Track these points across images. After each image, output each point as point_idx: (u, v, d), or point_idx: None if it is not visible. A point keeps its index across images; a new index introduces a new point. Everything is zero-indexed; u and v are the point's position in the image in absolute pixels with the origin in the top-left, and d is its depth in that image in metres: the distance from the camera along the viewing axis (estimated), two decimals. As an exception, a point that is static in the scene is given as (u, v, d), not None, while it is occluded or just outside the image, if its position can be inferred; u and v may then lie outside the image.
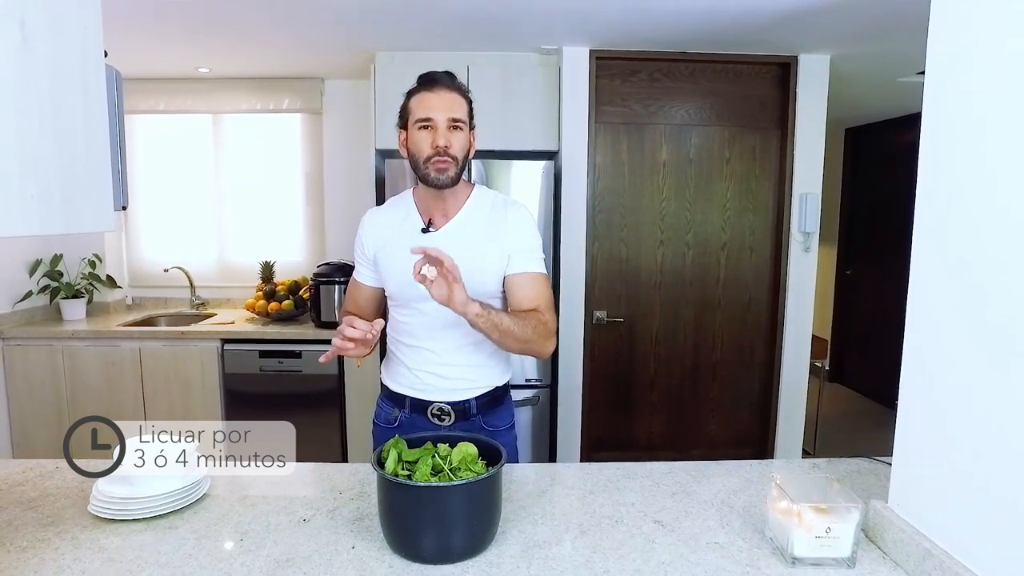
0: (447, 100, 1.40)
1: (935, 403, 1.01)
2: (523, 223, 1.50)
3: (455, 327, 1.43)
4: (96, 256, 3.51)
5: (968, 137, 0.95)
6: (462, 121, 1.42)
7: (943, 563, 0.93)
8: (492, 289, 1.48)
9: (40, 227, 0.87)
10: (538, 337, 1.41)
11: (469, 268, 1.40)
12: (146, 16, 2.55)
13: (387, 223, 1.53)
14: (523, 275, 1.47)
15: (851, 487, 1.19)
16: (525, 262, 1.47)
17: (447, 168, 1.40)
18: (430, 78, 1.43)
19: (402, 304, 1.50)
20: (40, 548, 1.07)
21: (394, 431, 1.49)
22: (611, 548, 1.09)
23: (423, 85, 1.43)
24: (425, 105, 1.40)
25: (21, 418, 3.11)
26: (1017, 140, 0.86)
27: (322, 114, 3.73)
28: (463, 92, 1.45)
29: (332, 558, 1.04)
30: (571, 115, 2.98)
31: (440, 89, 1.41)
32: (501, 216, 1.49)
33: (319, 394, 3.15)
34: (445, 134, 1.39)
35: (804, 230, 3.10)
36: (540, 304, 1.46)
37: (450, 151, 1.39)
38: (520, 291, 1.46)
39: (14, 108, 0.82)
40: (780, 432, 3.25)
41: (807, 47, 2.95)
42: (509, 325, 1.34)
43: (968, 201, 0.95)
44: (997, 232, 0.89)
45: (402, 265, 1.41)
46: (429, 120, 1.39)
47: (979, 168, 0.93)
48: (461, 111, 1.42)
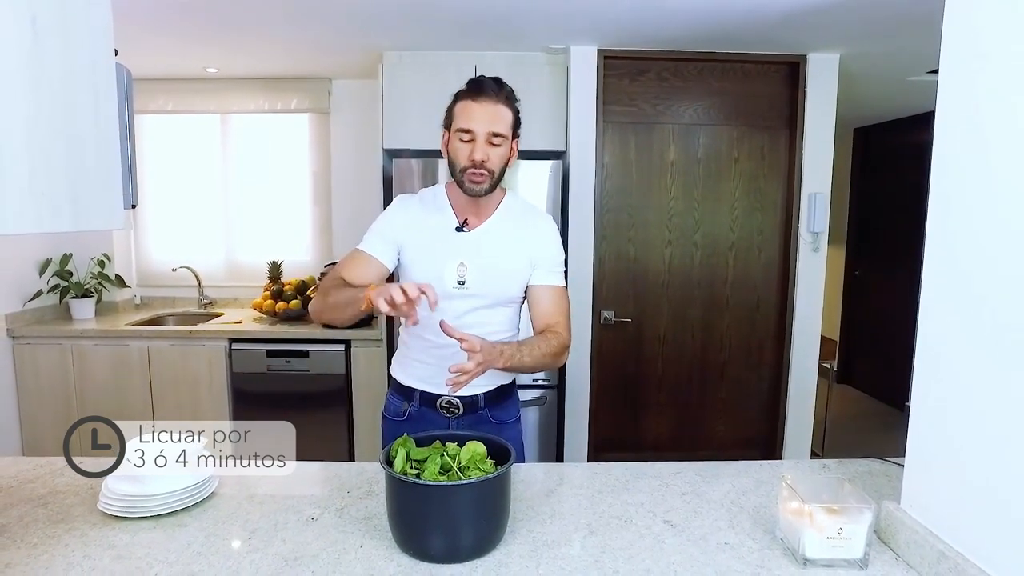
0: (490, 113, 1.38)
1: (949, 404, 1.00)
2: (552, 235, 1.54)
3: (475, 325, 1.45)
4: (105, 256, 3.53)
5: (983, 136, 0.94)
6: (503, 136, 1.40)
7: (958, 565, 0.92)
8: (514, 294, 1.52)
9: (50, 224, 0.87)
10: (553, 360, 1.48)
11: (496, 271, 1.46)
12: (155, 16, 2.56)
13: (421, 214, 1.52)
14: (547, 288, 1.52)
15: (862, 488, 1.17)
16: (551, 275, 1.52)
17: (482, 181, 1.40)
18: (477, 85, 1.40)
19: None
20: (50, 545, 1.07)
21: (403, 424, 1.50)
22: (620, 548, 1.08)
23: (469, 92, 1.41)
24: (467, 115, 1.39)
25: (31, 416, 3.13)
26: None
27: (330, 114, 3.73)
28: (510, 102, 1.42)
29: (340, 556, 1.04)
30: (579, 115, 2.98)
31: (485, 100, 1.38)
32: (530, 225, 1.53)
33: (326, 393, 3.16)
34: (483, 148, 1.38)
35: (813, 230, 3.09)
36: (560, 319, 1.52)
37: (487, 165, 1.39)
38: (543, 304, 1.52)
39: (25, 105, 0.82)
40: (788, 433, 3.23)
41: (816, 46, 2.93)
42: (529, 364, 1.42)
43: (983, 201, 0.94)
44: (1012, 233, 0.88)
45: (432, 260, 1.46)
46: (469, 131, 1.39)
47: (994, 168, 0.92)
48: (503, 124, 1.40)
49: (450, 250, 1.46)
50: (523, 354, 1.40)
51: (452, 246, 1.47)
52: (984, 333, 0.92)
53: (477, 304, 1.47)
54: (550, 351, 1.46)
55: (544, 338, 1.47)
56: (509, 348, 1.37)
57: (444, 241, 1.47)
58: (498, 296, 1.48)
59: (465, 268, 1.45)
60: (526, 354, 1.41)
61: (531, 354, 1.42)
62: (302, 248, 3.84)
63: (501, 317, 1.51)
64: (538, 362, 1.44)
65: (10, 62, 0.80)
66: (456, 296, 1.45)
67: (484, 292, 1.46)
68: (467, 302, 1.46)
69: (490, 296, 1.47)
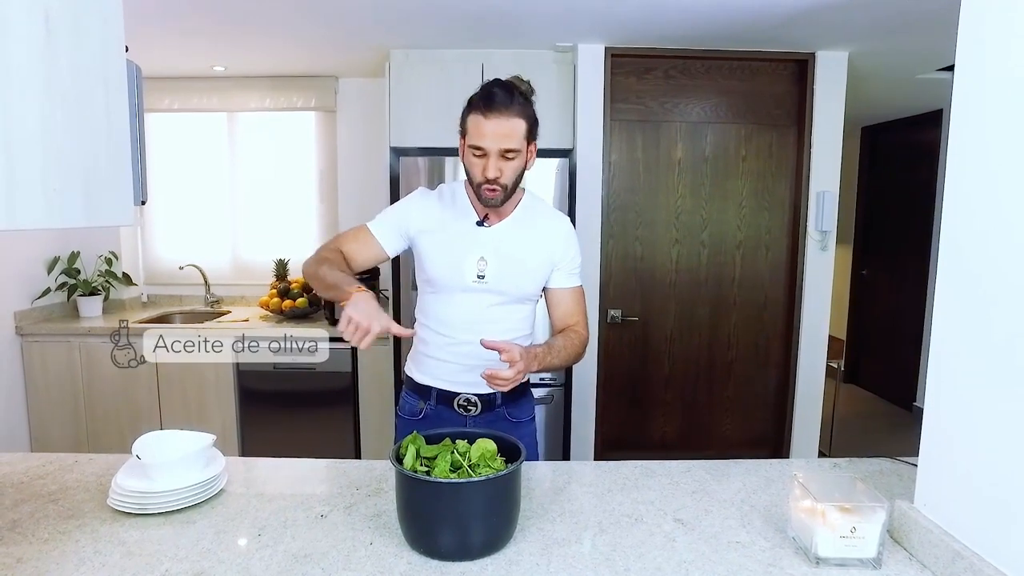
0: (501, 130, 1.35)
1: (963, 402, 0.99)
2: (571, 236, 1.56)
3: (492, 322, 1.46)
4: (112, 254, 3.54)
5: (1000, 135, 0.93)
6: (515, 150, 1.38)
7: (973, 565, 0.91)
8: (532, 291, 1.53)
9: (62, 220, 0.87)
10: (576, 357, 1.52)
11: (516, 267, 1.47)
12: (162, 14, 2.56)
13: (440, 209, 1.52)
14: (568, 290, 1.55)
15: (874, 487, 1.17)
16: (571, 278, 1.55)
17: (495, 195, 1.41)
18: (488, 99, 1.35)
19: (441, 292, 1.50)
20: (61, 540, 1.07)
21: (419, 423, 1.50)
22: (631, 546, 1.07)
23: (480, 107, 1.36)
24: (479, 132, 1.37)
25: (39, 413, 3.15)
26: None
27: (336, 112, 3.74)
28: (523, 109, 1.38)
29: (350, 554, 1.04)
30: (586, 113, 2.97)
31: (495, 116, 1.34)
32: (550, 224, 1.55)
33: (333, 391, 3.16)
34: (496, 164, 1.37)
35: (821, 229, 3.07)
36: (580, 317, 1.55)
37: (500, 180, 1.39)
38: (564, 304, 1.55)
39: (39, 102, 0.82)
40: (796, 433, 3.21)
41: (825, 44, 2.91)
42: (557, 365, 1.46)
43: (999, 200, 0.92)
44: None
45: (452, 254, 1.47)
46: (481, 148, 1.37)
47: (1012, 166, 0.91)
48: (515, 139, 1.37)
49: (471, 244, 1.47)
50: (552, 356, 1.43)
51: (473, 241, 1.47)
52: (998, 332, 0.91)
53: (495, 300, 1.47)
54: (574, 351, 1.49)
55: (567, 337, 1.50)
56: (541, 352, 1.39)
57: (465, 235, 1.47)
58: (517, 293, 1.49)
59: (485, 263, 1.45)
60: (555, 356, 1.44)
61: (559, 356, 1.45)
62: (309, 246, 3.76)
63: (519, 315, 1.52)
64: (564, 362, 1.49)
65: (24, 59, 0.80)
66: (475, 290, 1.45)
67: (503, 288, 1.46)
68: (486, 298, 1.46)
69: (509, 292, 1.47)
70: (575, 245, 1.56)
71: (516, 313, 1.51)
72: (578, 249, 1.57)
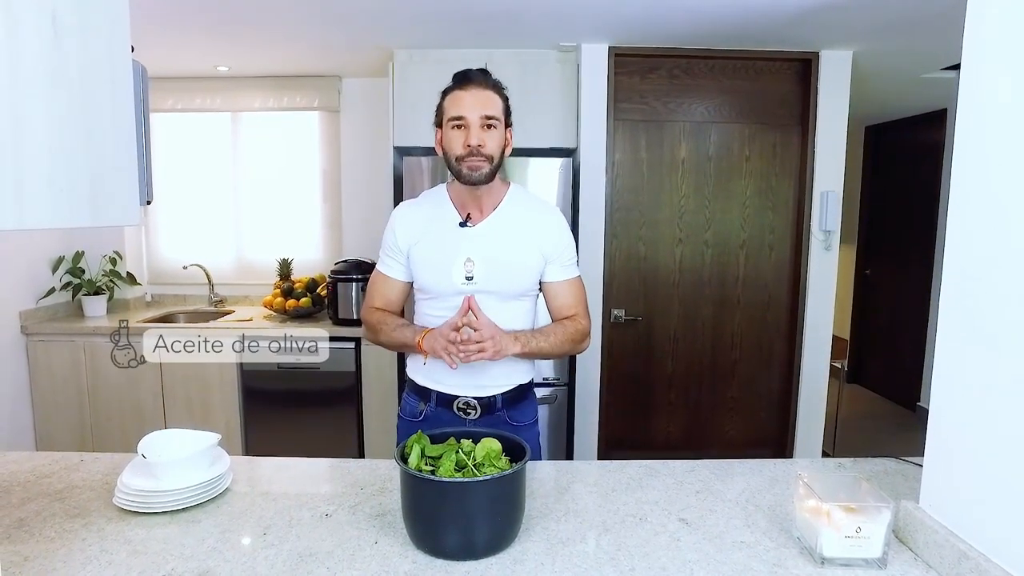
0: (481, 98, 1.39)
1: (968, 402, 0.99)
2: (561, 227, 1.54)
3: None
4: (117, 253, 3.55)
5: (1007, 133, 0.93)
6: (496, 119, 1.40)
7: (980, 565, 0.90)
8: (525, 287, 1.51)
9: (69, 220, 0.88)
10: (573, 345, 1.51)
11: (504, 265, 1.46)
12: (168, 12, 2.57)
13: (422, 217, 1.52)
14: (563, 283, 1.53)
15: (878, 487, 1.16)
16: (565, 270, 1.53)
17: (480, 166, 1.40)
18: (464, 76, 1.42)
19: (434, 297, 1.50)
20: (68, 539, 1.08)
21: (419, 424, 1.50)
22: (636, 546, 1.07)
23: (457, 83, 1.43)
24: (458, 103, 1.40)
25: (44, 412, 3.16)
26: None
27: (340, 112, 3.74)
28: (498, 89, 1.44)
29: (355, 553, 1.04)
30: (589, 112, 2.97)
31: (473, 87, 1.40)
32: (537, 217, 1.52)
33: (336, 391, 3.16)
34: (478, 133, 1.38)
35: (825, 228, 3.06)
36: (579, 308, 1.54)
37: (483, 150, 1.39)
38: (561, 297, 1.53)
39: (46, 101, 0.82)
40: (799, 433, 3.21)
41: (829, 43, 2.91)
42: (547, 349, 1.46)
43: (1004, 199, 0.92)
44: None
45: (438, 259, 1.46)
46: (462, 118, 1.39)
47: (1018, 166, 0.90)
48: (495, 108, 1.41)
49: (456, 247, 1.46)
50: (539, 340, 1.42)
51: (457, 243, 1.46)
52: (1004, 332, 0.91)
53: (489, 299, 1.45)
54: (568, 337, 1.48)
55: (561, 324, 1.50)
56: (524, 334, 1.40)
57: (449, 238, 1.47)
58: (508, 290, 1.47)
59: (472, 264, 1.44)
60: (542, 340, 1.43)
61: (548, 340, 1.44)
62: (312, 246, 3.84)
63: (516, 311, 1.50)
64: (556, 347, 1.47)
65: (32, 59, 0.80)
66: (466, 292, 1.44)
67: (493, 287, 1.45)
68: (479, 298, 1.45)
69: (500, 290, 1.46)
70: (567, 236, 1.53)
71: (513, 309, 1.49)
72: (570, 239, 1.54)
